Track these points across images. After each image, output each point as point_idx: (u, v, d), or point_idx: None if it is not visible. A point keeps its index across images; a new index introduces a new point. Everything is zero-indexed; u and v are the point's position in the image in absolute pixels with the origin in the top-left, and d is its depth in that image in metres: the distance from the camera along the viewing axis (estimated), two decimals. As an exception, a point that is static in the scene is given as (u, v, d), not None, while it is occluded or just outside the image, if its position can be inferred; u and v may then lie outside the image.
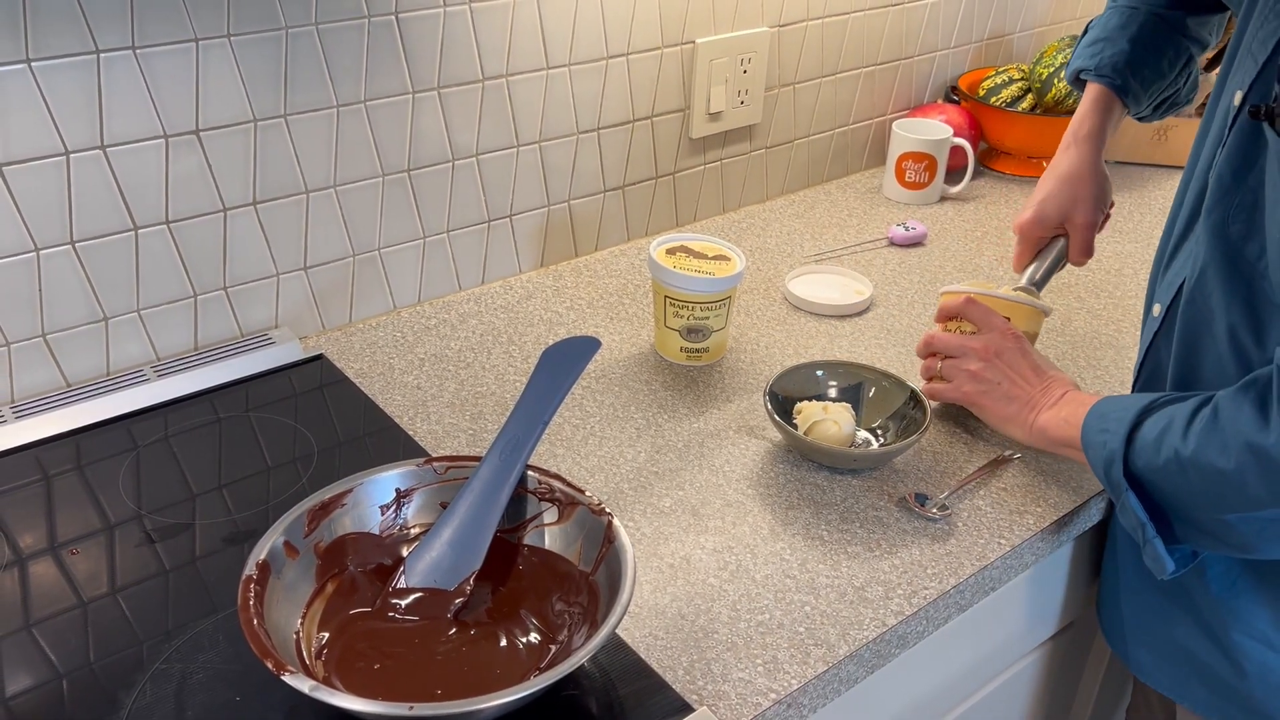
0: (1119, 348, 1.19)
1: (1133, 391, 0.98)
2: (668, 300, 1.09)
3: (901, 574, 0.87)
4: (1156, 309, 0.92)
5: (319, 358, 1.11)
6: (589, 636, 0.68)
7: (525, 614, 0.77)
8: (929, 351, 1.03)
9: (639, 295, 1.26)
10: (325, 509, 0.77)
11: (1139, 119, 1.14)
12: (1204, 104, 1.18)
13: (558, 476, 0.81)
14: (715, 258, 1.11)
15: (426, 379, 1.09)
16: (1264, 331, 0.79)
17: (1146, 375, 0.94)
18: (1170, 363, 0.90)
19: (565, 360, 0.86)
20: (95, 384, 1.03)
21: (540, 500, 0.81)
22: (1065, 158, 1.09)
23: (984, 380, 0.97)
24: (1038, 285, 1.10)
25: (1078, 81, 1.11)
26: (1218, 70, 0.91)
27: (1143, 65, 1.07)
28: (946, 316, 1.03)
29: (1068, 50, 1.52)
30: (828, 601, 0.84)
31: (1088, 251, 1.10)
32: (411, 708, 0.63)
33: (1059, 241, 1.11)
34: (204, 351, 1.08)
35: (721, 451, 1.00)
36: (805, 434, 0.96)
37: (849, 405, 1.00)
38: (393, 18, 1.06)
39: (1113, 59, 1.06)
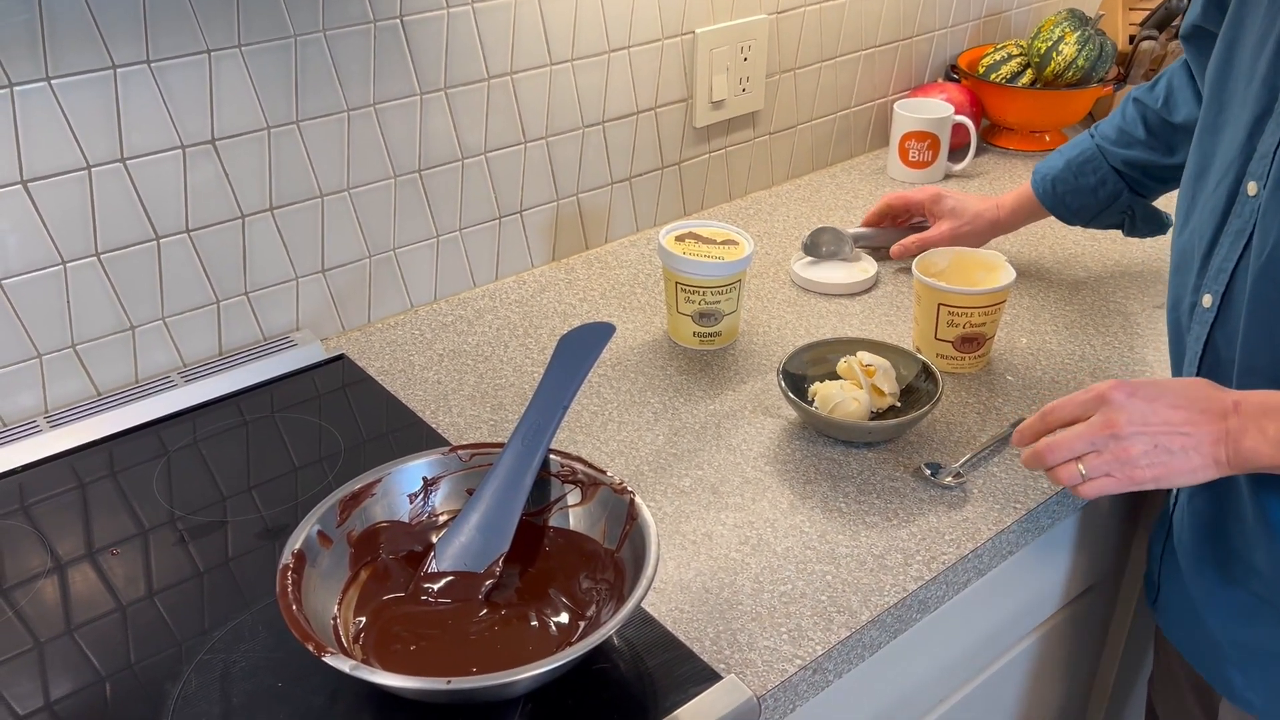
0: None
1: None
2: (679, 286, 1.11)
3: (920, 541, 0.88)
4: (1208, 300, 0.86)
5: (340, 358, 1.13)
6: (617, 610, 0.70)
7: (554, 593, 0.79)
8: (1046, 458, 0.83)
9: (650, 284, 1.28)
10: (356, 499, 0.80)
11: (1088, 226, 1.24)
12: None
13: (579, 459, 0.83)
14: (724, 242, 1.13)
15: (446, 374, 1.11)
16: None
17: (1206, 371, 0.88)
18: (1238, 352, 0.84)
19: (582, 346, 0.88)
20: (125, 392, 1.05)
21: (563, 482, 0.83)
22: (991, 212, 1.25)
23: (1136, 456, 0.78)
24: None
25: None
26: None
27: (1067, 183, 1.19)
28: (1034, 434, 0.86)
29: (1065, 24, 1.53)
30: (848, 570, 0.85)
31: (914, 252, 1.22)
32: (449, 682, 0.65)
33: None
34: (228, 356, 1.11)
35: (738, 431, 1.02)
36: (828, 414, 0.98)
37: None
38: (398, 21, 1.08)
39: (1046, 168, 1.21)
